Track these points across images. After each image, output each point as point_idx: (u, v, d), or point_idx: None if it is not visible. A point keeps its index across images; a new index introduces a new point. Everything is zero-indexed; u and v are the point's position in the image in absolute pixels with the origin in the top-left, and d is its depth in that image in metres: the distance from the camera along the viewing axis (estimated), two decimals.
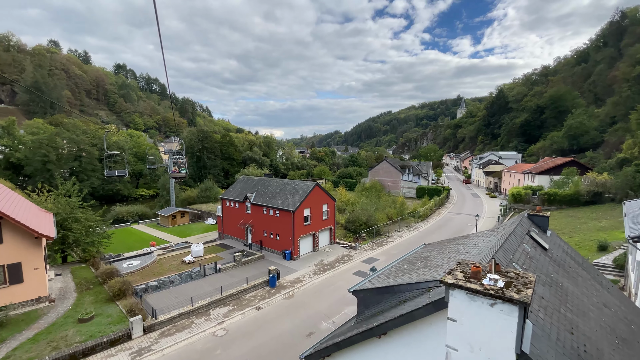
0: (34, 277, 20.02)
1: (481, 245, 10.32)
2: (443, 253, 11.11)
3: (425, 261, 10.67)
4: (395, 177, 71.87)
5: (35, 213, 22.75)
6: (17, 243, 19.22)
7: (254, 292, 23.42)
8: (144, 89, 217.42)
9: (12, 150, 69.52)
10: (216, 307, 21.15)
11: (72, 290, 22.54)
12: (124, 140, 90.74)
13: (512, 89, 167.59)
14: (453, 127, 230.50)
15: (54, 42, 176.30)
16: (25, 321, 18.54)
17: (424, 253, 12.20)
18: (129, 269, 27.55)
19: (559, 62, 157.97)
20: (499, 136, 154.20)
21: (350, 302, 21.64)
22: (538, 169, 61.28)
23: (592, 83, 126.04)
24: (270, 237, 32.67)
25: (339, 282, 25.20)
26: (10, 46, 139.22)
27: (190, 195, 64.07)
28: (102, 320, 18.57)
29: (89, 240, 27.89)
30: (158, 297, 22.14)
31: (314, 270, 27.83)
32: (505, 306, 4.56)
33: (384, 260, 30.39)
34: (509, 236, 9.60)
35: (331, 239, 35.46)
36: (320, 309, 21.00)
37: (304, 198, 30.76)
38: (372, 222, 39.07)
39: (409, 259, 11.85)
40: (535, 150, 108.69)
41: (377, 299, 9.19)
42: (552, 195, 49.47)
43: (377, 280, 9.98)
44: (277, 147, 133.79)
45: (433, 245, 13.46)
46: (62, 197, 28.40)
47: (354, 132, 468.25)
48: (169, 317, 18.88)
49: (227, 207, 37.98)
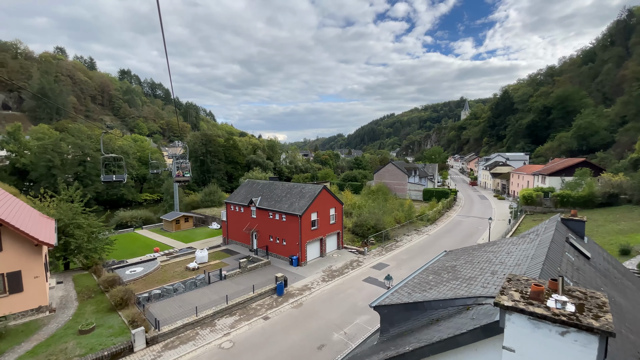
0: (34, 286, 19.29)
1: (516, 254, 9.33)
2: (472, 263, 10.12)
3: (453, 272, 9.69)
4: (402, 180, 70.73)
5: (37, 219, 22.09)
6: (17, 251, 18.53)
7: (261, 301, 22.48)
8: (148, 94, 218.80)
9: (18, 155, 69.57)
10: (222, 317, 20.24)
11: (73, 299, 21.78)
12: (128, 145, 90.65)
13: (517, 90, 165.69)
14: (457, 129, 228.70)
15: (60, 49, 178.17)
16: (25, 332, 17.77)
17: (449, 262, 11.22)
18: (132, 276, 26.77)
19: (565, 62, 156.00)
20: (505, 137, 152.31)
21: (363, 312, 20.64)
22: (548, 170, 59.80)
23: (600, 82, 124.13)
24: (277, 242, 31.76)
25: (349, 290, 24.17)
26: (17, 54, 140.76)
27: (194, 200, 63.46)
28: (103, 331, 17.74)
29: (92, 246, 27.16)
30: (161, 307, 21.28)
31: (322, 277, 26.84)
32: (581, 336, 3.64)
33: (394, 265, 29.34)
34: (550, 244, 8.61)
35: (339, 243, 34.46)
36: (331, 319, 19.98)
37: (311, 202, 29.86)
38: (380, 226, 38.01)
39: (432, 269, 10.87)
40: (543, 151, 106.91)
41: (403, 316, 8.23)
42: (565, 197, 48.03)
43: (401, 294, 9.02)
44: (281, 151, 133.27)
45: (457, 253, 12.46)
46: (64, 203, 27.78)
47: (357, 135, 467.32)
48: (173, 329, 18.00)
49: (231, 211, 37.19)
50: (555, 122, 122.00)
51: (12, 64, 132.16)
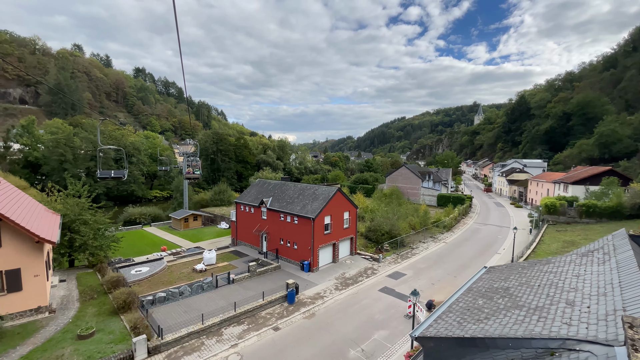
0: (33, 285, 18.29)
1: (590, 278, 7.65)
2: (529, 286, 8.46)
3: (510, 297, 8.06)
4: (415, 184, 68.63)
5: (41, 215, 21.18)
6: (17, 247, 17.55)
7: (271, 309, 21.05)
8: (161, 92, 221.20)
9: (31, 149, 70.11)
10: (229, 325, 18.88)
11: (75, 299, 20.75)
12: (140, 141, 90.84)
13: (533, 95, 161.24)
14: (470, 133, 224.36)
15: (77, 46, 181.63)
16: (22, 334, 16.74)
17: (497, 282, 9.57)
18: (137, 276, 25.73)
19: (584, 68, 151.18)
20: (520, 143, 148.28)
21: (380, 326, 19.02)
22: (572, 179, 56.93)
23: (622, 89, 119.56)
24: (287, 245, 30.34)
25: (364, 300, 22.56)
26: (35, 49, 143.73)
27: (203, 198, 62.66)
28: (103, 337, 16.57)
29: (97, 244, 26.18)
30: (166, 311, 20.07)
31: (335, 285, 25.28)
32: None
33: (412, 275, 27.58)
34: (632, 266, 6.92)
35: (352, 249, 32.84)
36: (346, 333, 18.41)
37: (325, 204, 28.37)
38: (395, 231, 36.26)
39: (479, 290, 9.24)
40: (562, 159, 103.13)
41: (456, 353, 6.66)
42: (591, 207, 45.36)
43: (449, 323, 7.44)
44: (291, 151, 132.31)
45: (502, 271, 10.79)
46: (71, 198, 26.98)
47: (367, 137, 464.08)
48: (177, 337, 16.71)
49: (241, 211, 35.98)
50: (575, 128, 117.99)
51: (29, 59, 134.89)
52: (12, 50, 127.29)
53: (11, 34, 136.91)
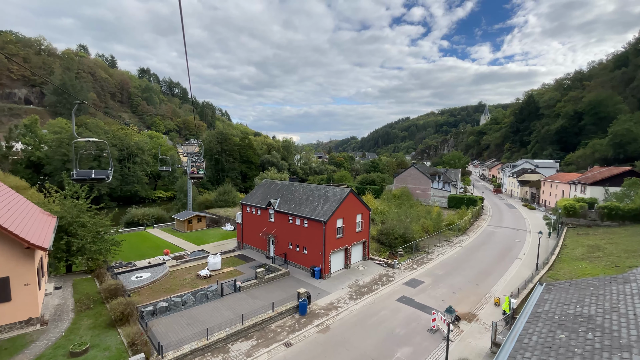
0: (24, 295, 16.73)
1: None
2: (619, 313, 6.66)
3: (602, 330, 6.27)
4: (425, 185, 66.61)
5: (35, 217, 19.70)
6: (5, 253, 15.99)
7: (281, 321, 19.33)
8: (166, 92, 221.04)
9: (33, 149, 69.21)
10: (236, 340, 17.19)
11: (69, 309, 19.19)
12: (144, 141, 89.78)
13: (542, 95, 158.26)
14: (476, 133, 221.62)
15: (82, 47, 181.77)
16: (9, 350, 15.18)
17: (570, 306, 7.76)
18: (138, 283, 24.18)
19: (594, 67, 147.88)
20: (529, 143, 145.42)
21: (402, 342, 17.21)
22: (590, 179, 54.57)
23: (635, 88, 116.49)
24: (297, 250, 28.63)
25: (382, 312, 20.74)
26: (41, 50, 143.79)
27: (207, 199, 61.21)
28: (97, 354, 14.96)
29: (96, 247, 24.66)
30: (167, 324, 18.44)
31: (349, 294, 23.50)
32: None
33: (430, 283, 25.71)
34: None
35: (364, 254, 31.03)
36: (366, 350, 16.62)
37: (337, 206, 26.61)
38: (408, 235, 34.40)
39: (550, 318, 7.45)
40: (574, 159, 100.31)
41: None
42: (613, 209, 43.09)
43: None
44: (295, 152, 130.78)
45: (567, 290, 8.97)
46: (68, 199, 25.50)
47: (371, 137, 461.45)
48: (179, 355, 15.05)
49: (247, 213, 34.35)
50: (586, 128, 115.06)
51: (35, 59, 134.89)
52: (17, 50, 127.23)
53: (16, 35, 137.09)
